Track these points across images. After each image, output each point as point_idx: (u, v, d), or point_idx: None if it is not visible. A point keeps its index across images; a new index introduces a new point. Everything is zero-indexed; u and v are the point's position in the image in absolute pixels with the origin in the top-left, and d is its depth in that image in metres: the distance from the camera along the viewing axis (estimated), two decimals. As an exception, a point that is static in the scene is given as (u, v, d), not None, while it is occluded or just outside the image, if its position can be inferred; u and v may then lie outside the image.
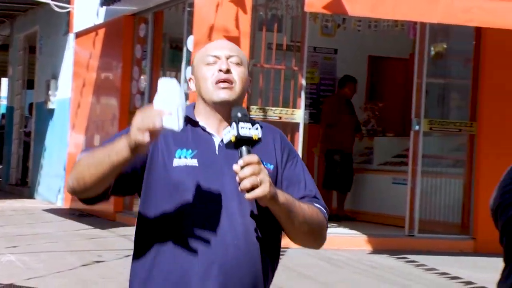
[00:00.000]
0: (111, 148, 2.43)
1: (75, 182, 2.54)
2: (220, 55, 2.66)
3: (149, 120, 2.32)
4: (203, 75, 2.65)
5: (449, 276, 8.22)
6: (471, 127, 10.36)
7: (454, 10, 8.31)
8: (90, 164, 2.48)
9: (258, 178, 2.41)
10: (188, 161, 2.59)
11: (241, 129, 2.43)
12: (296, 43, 10.08)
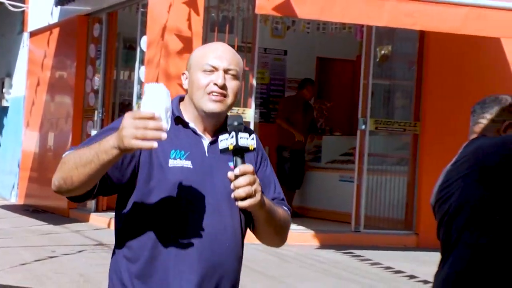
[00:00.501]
0: (99, 147, 2.39)
1: (61, 182, 2.50)
2: (219, 67, 2.62)
3: (146, 131, 2.30)
4: (197, 82, 2.63)
5: (393, 270, 8.31)
6: (414, 127, 10.48)
7: (399, 14, 8.39)
8: (77, 164, 2.44)
9: (253, 187, 2.46)
10: (183, 162, 2.60)
11: (240, 139, 2.46)
12: (247, 44, 10.10)
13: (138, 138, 2.30)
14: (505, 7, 8.67)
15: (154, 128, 2.31)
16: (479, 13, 8.57)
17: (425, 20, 8.50)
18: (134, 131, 2.30)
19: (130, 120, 2.32)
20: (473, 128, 3.38)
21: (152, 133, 2.30)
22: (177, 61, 9.38)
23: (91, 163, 2.40)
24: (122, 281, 2.63)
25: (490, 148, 3.15)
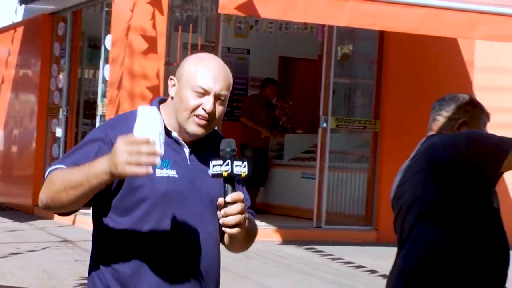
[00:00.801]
0: (89, 171, 2.33)
1: (49, 201, 2.45)
2: (210, 91, 2.53)
3: (140, 157, 2.23)
4: (186, 102, 2.54)
5: (354, 265, 8.36)
6: (374, 125, 10.55)
7: (359, 14, 8.43)
8: (66, 186, 2.37)
9: (243, 216, 2.44)
10: (168, 171, 2.54)
11: (235, 167, 2.43)
12: (211, 43, 10.09)
13: (132, 164, 2.23)
14: (461, 8, 8.76)
15: (149, 153, 2.24)
16: (436, 14, 8.65)
17: (385, 20, 8.56)
18: (127, 157, 2.23)
19: (123, 146, 2.24)
20: (431, 125, 3.42)
21: (147, 159, 2.24)
22: (141, 60, 9.34)
23: (81, 186, 2.35)
24: (108, 286, 2.57)
25: (440, 146, 3.19)
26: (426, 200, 3.16)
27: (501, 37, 9.08)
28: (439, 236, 3.14)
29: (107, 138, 2.51)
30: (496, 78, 10.90)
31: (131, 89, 9.35)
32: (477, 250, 3.13)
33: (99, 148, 2.49)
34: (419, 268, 3.16)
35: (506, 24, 8.96)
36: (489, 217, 3.18)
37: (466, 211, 3.13)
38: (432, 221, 3.14)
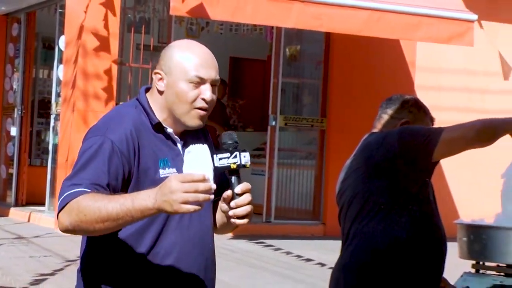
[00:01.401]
0: (133, 205, 2.20)
1: (76, 228, 2.28)
2: (207, 78, 2.42)
3: (198, 195, 2.16)
4: (184, 95, 2.41)
5: (303, 258, 8.40)
6: (321, 123, 10.61)
7: (306, 16, 8.49)
8: (104, 218, 2.22)
9: (252, 207, 2.37)
10: (170, 170, 2.43)
11: (243, 158, 2.35)
12: (163, 44, 10.03)
13: (189, 202, 2.16)
14: (402, 11, 8.88)
15: (205, 190, 2.18)
16: (379, 16, 8.75)
17: (330, 22, 8.63)
18: (185, 196, 2.15)
19: (179, 184, 2.15)
20: (375, 123, 3.45)
21: (204, 196, 2.17)
22: (94, 60, 9.28)
23: (122, 219, 2.22)
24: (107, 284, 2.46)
25: (375, 144, 3.22)
26: (365, 196, 3.19)
27: (441, 39, 9.22)
28: (378, 229, 3.17)
29: (114, 146, 2.37)
30: (437, 78, 11.06)
31: (84, 89, 9.27)
32: (416, 241, 3.17)
33: (109, 160, 2.35)
34: (360, 262, 3.20)
35: (445, 26, 9.10)
36: (426, 209, 3.22)
37: (404, 204, 3.17)
38: (371, 216, 3.18)
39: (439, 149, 3.04)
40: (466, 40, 9.14)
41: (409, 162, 3.11)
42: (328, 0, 8.56)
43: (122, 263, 2.44)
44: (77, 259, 7.70)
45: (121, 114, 2.47)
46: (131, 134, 2.39)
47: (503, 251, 3.14)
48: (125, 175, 2.37)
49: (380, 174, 3.16)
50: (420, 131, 3.14)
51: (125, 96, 9.80)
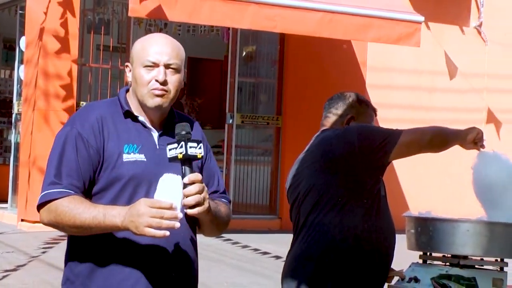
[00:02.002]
0: (104, 221, 2.34)
1: (51, 224, 2.45)
2: (159, 62, 2.49)
3: (162, 221, 2.25)
4: (140, 79, 2.50)
5: (260, 251, 8.40)
6: (277, 121, 10.64)
7: (260, 18, 8.49)
8: (76, 225, 2.38)
9: (202, 196, 2.37)
10: (136, 156, 2.48)
11: (189, 148, 2.36)
12: (122, 45, 9.97)
13: (153, 226, 2.24)
14: (353, 12, 8.94)
15: (170, 217, 2.25)
16: (331, 18, 8.79)
17: (284, 23, 8.65)
18: (149, 220, 2.24)
19: (147, 209, 2.26)
20: (323, 122, 3.47)
21: (167, 223, 2.25)
22: (55, 61, 9.17)
23: (91, 230, 2.38)
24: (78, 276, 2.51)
25: (334, 140, 3.24)
26: (321, 189, 3.21)
27: (390, 39, 9.30)
28: (334, 221, 3.19)
29: (83, 137, 2.47)
30: (386, 76, 11.15)
31: (45, 89, 9.16)
32: (370, 233, 3.19)
33: (77, 150, 2.46)
34: (319, 251, 3.21)
35: (394, 27, 9.18)
36: (379, 203, 3.25)
37: (359, 198, 3.19)
38: (328, 208, 3.19)
39: (396, 151, 3.12)
40: (413, 40, 9.23)
41: (366, 160, 3.14)
42: (282, 2, 8.58)
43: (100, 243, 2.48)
44: (39, 255, 7.61)
45: (91, 106, 2.59)
46: (97, 120, 2.48)
47: (448, 242, 3.18)
48: (92, 159, 2.46)
49: (337, 169, 3.18)
50: (379, 132, 3.19)
51: (86, 96, 9.71)
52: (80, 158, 2.45)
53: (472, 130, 3.19)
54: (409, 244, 3.30)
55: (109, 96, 9.75)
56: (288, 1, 8.63)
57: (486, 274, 3.18)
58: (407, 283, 3.19)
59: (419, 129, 3.17)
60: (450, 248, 3.16)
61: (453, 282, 3.09)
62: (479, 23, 11.82)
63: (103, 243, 2.47)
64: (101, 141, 2.47)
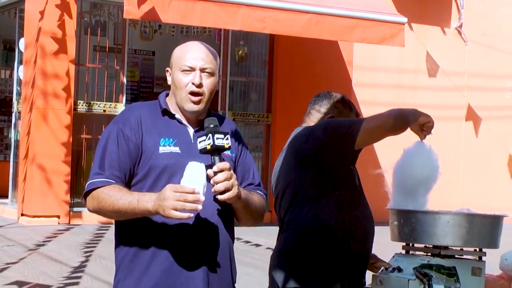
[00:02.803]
0: (138, 206, 2.48)
1: (96, 211, 2.61)
2: (195, 66, 2.63)
3: (185, 204, 2.38)
4: (178, 82, 2.65)
5: (251, 243, 8.42)
6: (267, 118, 10.64)
7: (251, 19, 8.49)
8: (114, 210, 2.53)
9: (230, 182, 2.49)
10: (171, 148, 2.61)
11: (216, 139, 2.50)
12: (118, 46, 9.95)
13: (178, 209, 2.38)
14: (340, 14, 8.94)
15: (193, 201, 2.38)
16: (319, 20, 8.80)
17: (274, 25, 8.65)
18: (174, 203, 2.38)
19: (172, 193, 2.39)
20: (305, 118, 3.46)
21: (191, 206, 2.39)
22: (52, 61, 9.15)
23: (126, 215, 2.52)
24: (123, 261, 2.62)
25: (304, 137, 3.24)
26: (295, 186, 3.21)
27: (375, 40, 9.31)
28: (308, 215, 3.19)
29: (124, 133, 2.62)
30: (372, 75, 11.17)
31: (44, 88, 9.14)
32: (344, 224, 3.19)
33: (118, 145, 2.61)
34: (294, 247, 3.21)
35: (379, 28, 9.20)
36: (352, 194, 3.25)
37: (331, 191, 3.19)
38: (302, 204, 3.20)
39: (361, 138, 3.09)
40: (397, 41, 9.25)
41: (334, 152, 3.14)
42: (271, 4, 8.59)
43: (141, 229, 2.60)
44: (38, 248, 7.59)
45: (132, 107, 2.75)
46: (137, 118, 2.64)
47: (430, 233, 3.18)
48: (132, 152, 2.61)
49: (308, 165, 3.18)
50: (343, 123, 3.18)
51: (83, 95, 9.68)
52: (121, 152, 2.60)
53: (427, 117, 3.15)
54: (392, 236, 3.31)
55: (105, 94, 9.74)
56: (277, 3, 8.63)
57: (465, 263, 3.19)
58: (390, 273, 3.19)
59: (381, 115, 3.13)
60: (431, 239, 3.16)
61: (434, 271, 3.10)
62: (459, 24, 11.85)
63: (143, 229, 2.58)
64: (139, 136, 2.61)
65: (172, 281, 2.57)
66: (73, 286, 6.20)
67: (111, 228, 8.61)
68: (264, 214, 2.80)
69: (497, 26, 12.12)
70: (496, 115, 12.14)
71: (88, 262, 7.06)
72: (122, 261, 2.65)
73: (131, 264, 2.61)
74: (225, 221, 2.67)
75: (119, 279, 2.64)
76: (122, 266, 2.64)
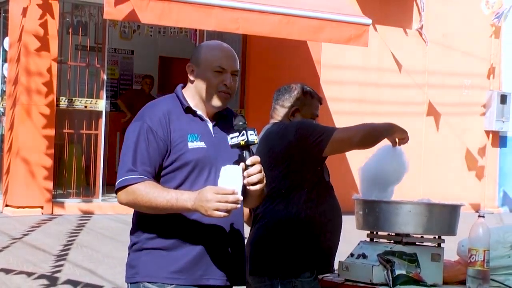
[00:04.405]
0: (177, 204, 2.50)
1: (129, 205, 2.61)
2: (227, 68, 2.67)
3: (227, 204, 2.42)
4: (209, 82, 2.66)
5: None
6: (240, 113, 10.60)
7: (224, 20, 8.47)
8: (152, 206, 2.54)
9: (262, 174, 2.54)
10: (198, 143, 2.64)
11: (249, 135, 2.54)
12: (98, 45, 9.86)
13: (220, 210, 2.42)
14: (308, 15, 8.95)
15: (234, 201, 2.42)
16: (288, 20, 8.79)
17: (246, 25, 8.63)
18: (217, 205, 2.42)
19: (213, 195, 2.43)
20: (271, 114, 3.45)
21: (232, 206, 2.43)
22: (36, 59, 9.05)
23: (165, 211, 2.54)
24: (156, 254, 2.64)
25: (276, 135, 3.23)
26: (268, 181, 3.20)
27: (341, 40, 9.33)
28: (280, 209, 3.18)
29: (153, 130, 2.63)
30: (338, 73, 11.20)
31: (27, 85, 9.03)
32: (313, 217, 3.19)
33: (148, 142, 2.61)
34: (265, 237, 3.21)
35: (344, 29, 9.21)
36: (321, 189, 3.25)
37: (301, 187, 3.18)
38: (273, 199, 3.19)
39: (329, 148, 3.10)
40: (362, 41, 9.27)
41: (303, 154, 3.13)
42: (243, 6, 8.56)
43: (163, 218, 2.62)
44: (22, 237, 7.50)
45: (155, 103, 2.74)
46: (164, 115, 2.65)
47: (392, 222, 3.20)
48: (161, 149, 2.62)
49: (279, 163, 3.17)
50: (315, 129, 3.16)
51: (65, 91, 9.59)
52: (151, 148, 2.61)
53: (403, 133, 3.14)
54: (357, 224, 3.31)
55: (86, 90, 9.65)
56: (249, 5, 8.61)
57: (425, 250, 3.21)
58: (356, 259, 3.20)
59: (352, 128, 3.12)
60: (394, 227, 3.18)
61: (397, 258, 3.12)
62: (420, 25, 11.92)
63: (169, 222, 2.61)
64: (168, 132, 2.62)
65: (196, 268, 2.61)
66: (56, 274, 6.15)
67: (92, 218, 8.55)
68: None
69: (455, 27, 12.22)
70: (454, 111, 12.25)
71: (70, 251, 7.00)
72: (145, 241, 2.67)
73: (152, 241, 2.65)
74: (241, 215, 2.74)
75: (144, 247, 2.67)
76: (142, 238, 2.67)
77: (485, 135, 12.60)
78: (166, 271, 2.60)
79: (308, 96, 3.36)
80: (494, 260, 3.17)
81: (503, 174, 12.84)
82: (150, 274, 2.62)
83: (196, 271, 2.60)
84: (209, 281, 2.62)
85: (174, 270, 2.60)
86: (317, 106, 3.39)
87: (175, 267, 2.60)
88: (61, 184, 9.47)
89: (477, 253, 3.02)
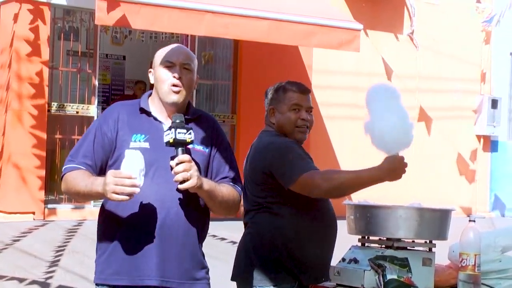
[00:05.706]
0: (92, 188, 2.61)
1: (66, 192, 2.77)
2: (175, 62, 2.74)
3: (124, 188, 2.50)
4: (160, 77, 2.75)
5: (217, 237, 8.39)
6: (232, 119, 10.62)
7: (215, 25, 8.48)
8: (76, 193, 2.70)
9: (189, 173, 2.56)
10: (141, 144, 2.69)
11: (178, 134, 2.59)
12: (90, 50, 9.85)
13: (117, 192, 2.50)
14: (299, 21, 8.97)
15: (130, 185, 2.49)
16: (278, 26, 8.81)
17: (237, 30, 8.65)
18: (114, 187, 2.50)
19: (112, 178, 2.51)
20: (265, 118, 3.45)
21: (129, 189, 2.50)
22: (27, 65, 9.03)
23: (86, 196, 2.68)
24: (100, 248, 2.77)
25: (257, 154, 3.21)
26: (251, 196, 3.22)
27: (332, 45, 9.35)
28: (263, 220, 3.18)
29: (102, 129, 2.74)
30: (330, 78, 11.22)
31: (19, 91, 9.01)
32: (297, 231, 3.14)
33: (94, 137, 2.74)
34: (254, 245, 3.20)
35: (335, 34, 9.24)
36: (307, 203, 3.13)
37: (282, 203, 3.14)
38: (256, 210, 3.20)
39: (294, 187, 3.01)
40: (353, 46, 9.30)
41: (276, 178, 3.10)
42: (234, 11, 8.57)
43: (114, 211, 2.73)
44: (13, 243, 7.47)
45: (112, 106, 2.85)
46: (117, 115, 2.75)
47: (383, 227, 3.20)
48: (105, 146, 2.73)
49: (259, 179, 3.15)
50: (286, 162, 3.04)
51: (56, 97, 9.57)
52: (96, 144, 2.72)
53: (393, 164, 2.93)
54: (349, 229, 3.32)
55: (78, 96, 9.65)
56: (240, 10, 8.62)
57: (417, 254, 3.22)
58: (347, 264, 3.20)
59: (322, 174, 2.97)
60: (385, 232, 3.19)
61: (388, 262, 3.12)
62: (411, 31, 11.97)
63: (110, 216, 2.72)
64: (115, 132, 2.71)
65: (128, 265, 2.66)
66: (47, 280, 6.12)
67: (84, 224, 8.53)
68: (237, 206, 2.84)
69: (446, 32, 12.27)
70: (445, 116, 12.30)
71: (62, 256, 6.98)
72: (99, 239, 2.79)
73: (101, 244, 2.76)
74: (189, 210, 2.70)
75: (98, 256, 2.80)
76: (99, 252, 2.77)
77: (477, 140, 12.65)
78: (106, 273, 2.71)
79: (280, 92, 3.30)
80: (485, 264, 3.18)
81: (494, 178, 12.89)
82: (97, 275, 2.76)
83: (132, 271, 2.67)
84: (144, 282, 2.67)
85: (113, 272, 2.69)
86: (292, 98, 3.24)
87: (113, 269, 2.69)
88: (53, 190, 9.44)
89: (468, 257, 3.03)
